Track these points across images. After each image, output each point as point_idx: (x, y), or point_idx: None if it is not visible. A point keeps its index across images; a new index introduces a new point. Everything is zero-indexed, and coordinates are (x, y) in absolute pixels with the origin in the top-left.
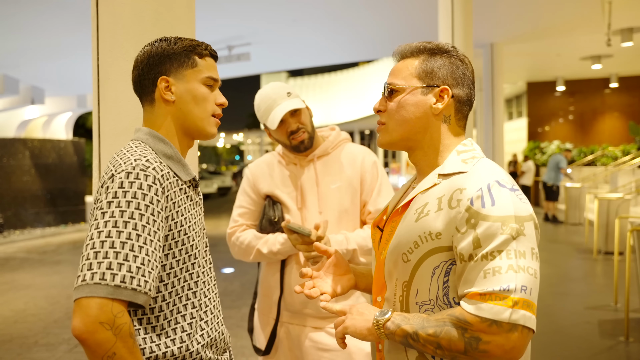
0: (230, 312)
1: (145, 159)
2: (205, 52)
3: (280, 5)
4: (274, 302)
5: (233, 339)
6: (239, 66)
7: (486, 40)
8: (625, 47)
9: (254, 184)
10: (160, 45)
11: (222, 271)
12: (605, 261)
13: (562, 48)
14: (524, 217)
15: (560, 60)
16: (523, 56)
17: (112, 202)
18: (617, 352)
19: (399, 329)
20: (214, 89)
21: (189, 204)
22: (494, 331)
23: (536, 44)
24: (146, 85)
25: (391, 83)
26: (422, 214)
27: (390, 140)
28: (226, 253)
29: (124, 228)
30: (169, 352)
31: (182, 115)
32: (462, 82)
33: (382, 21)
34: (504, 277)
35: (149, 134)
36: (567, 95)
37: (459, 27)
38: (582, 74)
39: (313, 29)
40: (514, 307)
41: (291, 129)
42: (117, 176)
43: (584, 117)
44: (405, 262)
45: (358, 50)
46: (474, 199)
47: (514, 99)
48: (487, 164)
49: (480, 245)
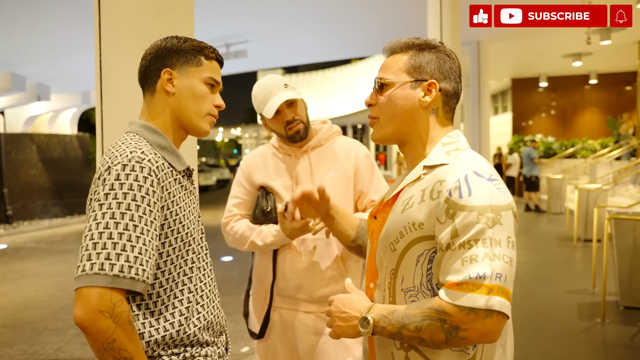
0: (230, 298)
1: (141, 150)
2: (212, 55)
3: (275, 4)
4: (267, 288)
5: (232, 324)
6: (236, 63)
7: (473, 39)
8: (604, 46)
9: (249, 175)
10: (170, 41)
11: (221, 259)
12: (584, 248)
13: (545, 46)
14: (501, 206)
15: (543, 57)
16: (508, 54)
17: (109, 194)
18: (594, 332)
19: (385, 331)
20: (215, 91)
21: (184, 193)
22: (472, 319)
23: (520, 42)
24: (150, 76)
25: (381, 77)
26: (407, 206)
27: (384, 135)
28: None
29: (121, 219)
30: (167, 335)
31: (179, 109)
32: (449, 76)
33: (373, 20)
34: (479, 265)
35: (143, 126)
36: (549, 91)
37: (447, 25)
38: (563, 71)
39: (308, 28)
40: (489, 294)
41: (287, 119)
42: (114, 168)
43: (565, 112)
44: (393, 251)
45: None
46: (452, 189)
47: (500, 94)
48: (468, 155)
49: (458, 235)
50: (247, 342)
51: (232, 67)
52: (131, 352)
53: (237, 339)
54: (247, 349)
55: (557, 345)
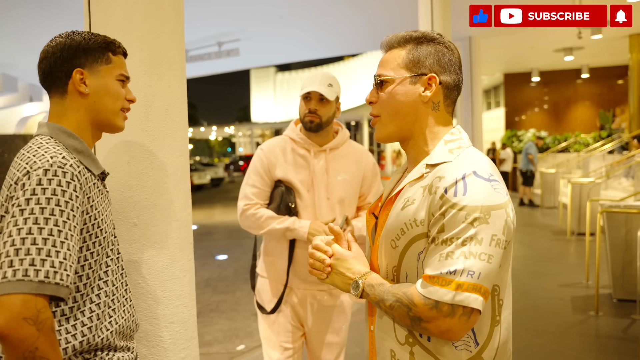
0: (225, 296)
1: (62, 155)
2: (118, 50)
3: (266, 2)
4: (282, 270)
5: (227, 322)
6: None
7: (464, 34)
8: (595, 40)
9: (269, 168)
10: (74, 39)
11: (216, 258)
12: (578, 242)
13: (536, 41)
14: (493, 206)
15: (535, 52)
16: (500, 49)
17: (31, 199)
18: (588, 325)
19: (369, 298)
20: (125, 86)
21: (101, 197)
22: (433, 315)
23: (512, 38)
24: (58, 77)
25: (380, 74)
26: (409, 203)
27: (387, 134)
28: (220, 240)
29: (45, 224)
30: (84, 340)
31: (95, 109)
32: (448, 68)
33: (364, 16)
34: (453, 262)
35: (58, 129)
36: (541, 85)
37: (438, 20)
38: (555, 66)
39: (299, 25)
40: (457, 289)
41: (311, 107)
42: (34, 173)
43: (557, 106)
44: (394, 248)
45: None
46: (448, 187)
47: (492, 89)
48: (470, 153)
49: (443, 231)
50: (242, 340)
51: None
52: None
53: (232, 337)
54: (242, 347)
55: (550, 339)
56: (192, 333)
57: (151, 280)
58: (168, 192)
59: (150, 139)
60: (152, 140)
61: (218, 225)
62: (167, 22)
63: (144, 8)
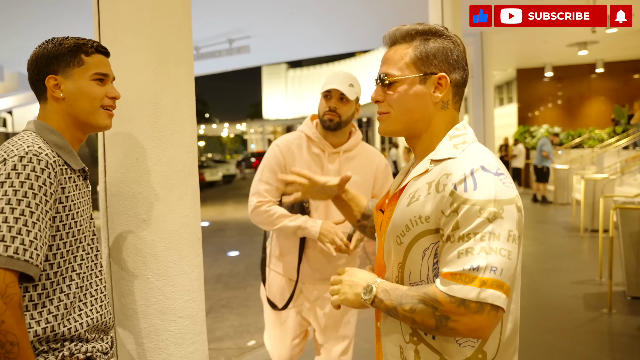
0: (236, 292)
1: (38, 146)
2: (91, 50)
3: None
4: (292, 266)
5: (238, 318)
6: (240, 59)
7: (476, 30)
8: (609, 34)
9: (285, 165)
10: (46, 47)
11: (227, 254)
12: (591, 238)
13: (549, 36)
14: (505, 200)
15: (548, 47)
16: (512, 44)
17: (5, 182)
18: (600, 323)
19: (382, 304)
20: (106, 83)
21: (78, 192)
22: (462, 312)
23: (524, 33)
24: (38, 86)
25: (388, 74)
26: (414, 199)
27: (393, 130)
28: (232, 237)
29: (17, 205)
30: (48, 328)
31: (72, 112)
32: (457, 65)
33: (373, 13)
34: (474, 258)
35: (41, 126)
36: (555, 80)
37: (448, 16)
38: (569, 60)
39: (309, 22)
40: (482, 286)
41: (330, 105)
42: (10, 160)
43: (571, 102)
44: (399, 245)
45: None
46: (457, 183)
47: (505, 85)
48: (476, 148)
49: (459, 227)
50: (253, 335)
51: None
52: (18, 336)
53: (243, 332)
54: (253, 342)
55: (562, 336)
56: (201, 328)
57: (160, 275)
58: (176, 188)
59: (159, 136)
60: (161, 137)
61: (230, 221)
62: (174, 20)
63: (152, 6)
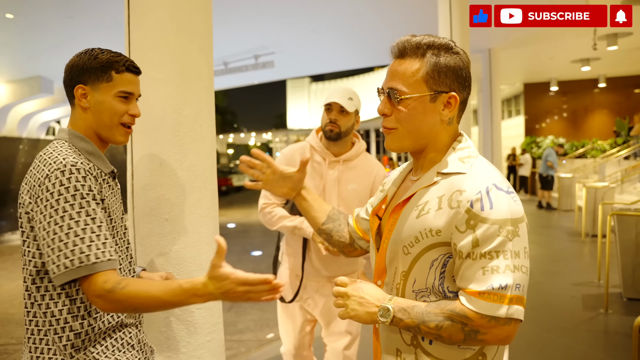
0: None
1: (72, 157)
2: (122, 68)
3: (299, 18)
4: (298, 263)
5: (259, 312)
6: (265, 73)
7: (484, 46)
8: (611, 51)
9: None
10: (82, 58)
11: (251, 254)
12: (591, 243)
13: (554, 52)
14: (518, 218)
15: (553, 63)
16: (519, 60)
17: (59, 199)
18: (597, 322)
19: (402, 323)
20: (130, 101)
21: (111, 192)
22: (492, 325)
23: (530, 49)
24: (69, 92)
25: (398, 90)
26: (423, 212)
27: (401, 147)
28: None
29: (78, 217)
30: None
31: (94, 122)
32: (465, 83)
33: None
34: (501, 277)
35: (72, 134)
36: (560, 94)
37: (457, 34)
38: (573, 76)
39: (330, 39)
40: (509, 303)
41: (332, 117)
42: (52, 175)
43: (575, 114)
44: (406, 255)
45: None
46: (474, 201)
47: (513, 98)
48: (483, 164)
49: (479, 245)
50: (272, 329)
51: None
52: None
53: (263, 326)
54: (272, 335)
55: (560, 334)
56: (218, 318)
57: (180, 270)
58: (196, 190)
59: (180, 143)
60: (182, 144)
61: (254, 223)
62: (196, 39)
63: (175, 27)
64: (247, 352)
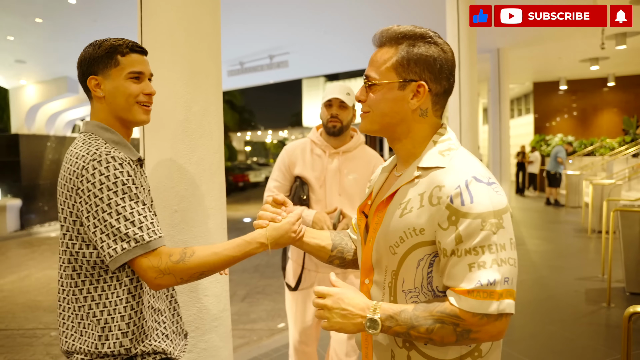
0: (271, 281)
1: (104, 146)
2: (126, 50)
3: (312, 20)
4: (300, 254)
5: (272, 303)
6: (279, 72)
7: (493, 46)
8: (619, 50)
9: (289, 166)
10: (87, 51)
11: None
12: (597, 239)
13: (563, 52)
14: (501, 210)
15: (562, 62)
16: (528, 59)
17: (102, 187)
18: (599, 315)
19: (390, 330)
20: (142, 80)
21: (141, 178)
22: (484, 322)
23: (539, 48)
24: (84, 86)
25: (369, 76)
26: (406, 210)
27: (371, 129)
28: None
29: (123, 202)
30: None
31: (112, 109)
32: (439, 75)
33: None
34: (489, 272)
35: (97, 126)
36: (569, 93)
37: (464, 33)
38: (582, 75)
39: (342, 39)
40: (500, 299)
41: (332, 112)
42: (89, 166)
43: (585, 113)
44: (393, 254)
45: None
46: (453, 196)
47: (523, 97)
48: (463, 156)
49: (463, 241)
50: (283, 319)
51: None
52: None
53: (275, 316)
54: (282, 325)
55: (563, 326)
56: (225, 305)
57: None
58: (204, 184)
59: (189, 139)
60: (191, 139)
61: None
62: (204, 40)
63: (185, 29)
64: (259, 340)
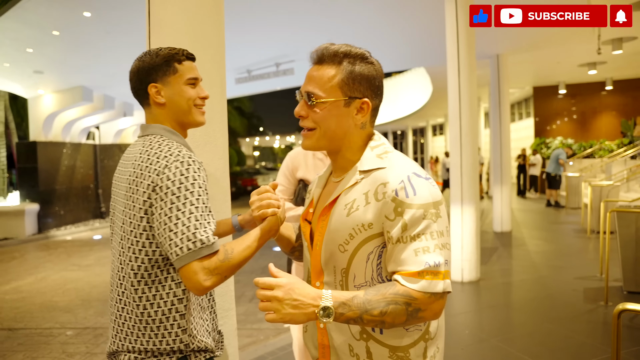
0: None
1: (185, 150)
2: (182, 58)
3: (316, 29)
4: None
5: None
6: (285, 79)
7: (492, 52)
8: (616, 55)
9: (292, 170)
10: (144, 60)
11: (273, 249)
12: (596, 239)
13: (561, 56)
14: (439, 201)
15: (561, 67)
16: (528, 64)
17: (180, 187)
18: (597, 313)
19: (343, 317)
20: (197, 85)
21: None
22: (432, 301)
23: (538, 54)
24: (141, 94)
25: (314, 94)
26: (353, 209)
27: (317, 146)
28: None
29: (197, 204)
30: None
31: (173, 113)
32: (377, 91)
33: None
34: (433, 255)
35: (165, 129)
36: (568, 97)
37: (463, 38)
38: (581, 79)
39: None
40: (444, 278)
41: None
42: (172, 166)
43: (584, 116)
44: (343, 252)
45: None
46: (398, 190)
47: (523, 101)
48: (400, 157)
49: (407, 229)
50: None
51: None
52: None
53: None
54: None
55: (560, 324)
56: (230, 305)
57: None
58: (209, 189)
59: (195, 145)
60: (196, 146)
61: None
62: (209, 49)
63: (189, 38)
64: (265, 339)
